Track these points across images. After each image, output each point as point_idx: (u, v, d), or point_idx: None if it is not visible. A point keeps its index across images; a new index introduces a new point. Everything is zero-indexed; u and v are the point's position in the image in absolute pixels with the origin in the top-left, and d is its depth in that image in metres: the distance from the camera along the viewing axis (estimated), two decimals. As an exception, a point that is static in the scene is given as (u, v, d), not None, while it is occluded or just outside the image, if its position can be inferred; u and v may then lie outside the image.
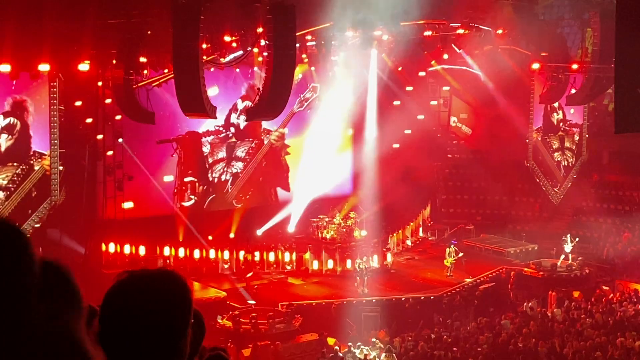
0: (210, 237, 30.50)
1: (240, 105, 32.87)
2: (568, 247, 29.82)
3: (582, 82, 30.31)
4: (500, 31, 30.50)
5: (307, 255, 29.91)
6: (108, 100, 28.63)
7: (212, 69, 27.38)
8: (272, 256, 29.71)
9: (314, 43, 29.18)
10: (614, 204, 34.96)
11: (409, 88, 36.36)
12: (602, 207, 34.45)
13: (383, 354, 21.75)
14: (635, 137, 31.05)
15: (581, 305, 25.70)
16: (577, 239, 30.32)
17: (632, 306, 25.31)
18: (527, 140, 35.60)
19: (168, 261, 28.66)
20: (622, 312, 24.39)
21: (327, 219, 31.63)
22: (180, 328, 2.30)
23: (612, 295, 27.36)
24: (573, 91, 31.81)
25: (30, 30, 23.44)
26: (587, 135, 36.64)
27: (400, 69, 35.42)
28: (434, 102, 38.28)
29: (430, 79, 37.54)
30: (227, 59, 26.86)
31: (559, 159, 36.38)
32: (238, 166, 33.49)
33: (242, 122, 33.09)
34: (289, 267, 29.69)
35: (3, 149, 26.16)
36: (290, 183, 34.89)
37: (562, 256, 30.01)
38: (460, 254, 29.43)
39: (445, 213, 37.13)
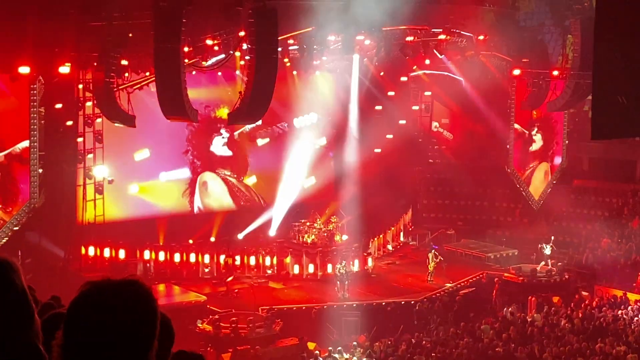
0: (190, 241, 30.39)
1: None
2: (547, 250, 30.04)
3: (563, 89, 30.45)
4: (481, 37, 30.62)
5: (288, 260, 29.84)
6: (89, 103, 28.44)
7: (193, 72, 27.30)
8: (252, 260, 29.62)
9: (296, 47, 29.14)
10: (593, 210, 35.15)
11: (391, 93, 36.43)
12: (581, 213, 34.62)
13: (363, 359, 21.77)
14: (615, 143, 31.45)
15: (560, 311, 25.83)
16: (552, 238, 30.49)
17: (611, 312, 25.44)
18: (508, 146, 35.76)
19: (148, 265, 28.55)
20: (602, 318, 24.51)
21: (308, 223, 31.58)
22: (147, 339, 2.23)
23: (591, 300, 27.53)
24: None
25: (11, 32, 23.27)
26: (567, 142, 36.84)
27: (382, 73, 35.47)
28: (415, 107, 38.35)
29: (412, 84, 37.61)
30: (209, 62, 26.79)
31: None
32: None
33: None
34: (269, 271, 29.61)
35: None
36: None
37: (542, 262, 30.16)
38: (440, 258, 29.51)
39: (427, 218, 37.18)
